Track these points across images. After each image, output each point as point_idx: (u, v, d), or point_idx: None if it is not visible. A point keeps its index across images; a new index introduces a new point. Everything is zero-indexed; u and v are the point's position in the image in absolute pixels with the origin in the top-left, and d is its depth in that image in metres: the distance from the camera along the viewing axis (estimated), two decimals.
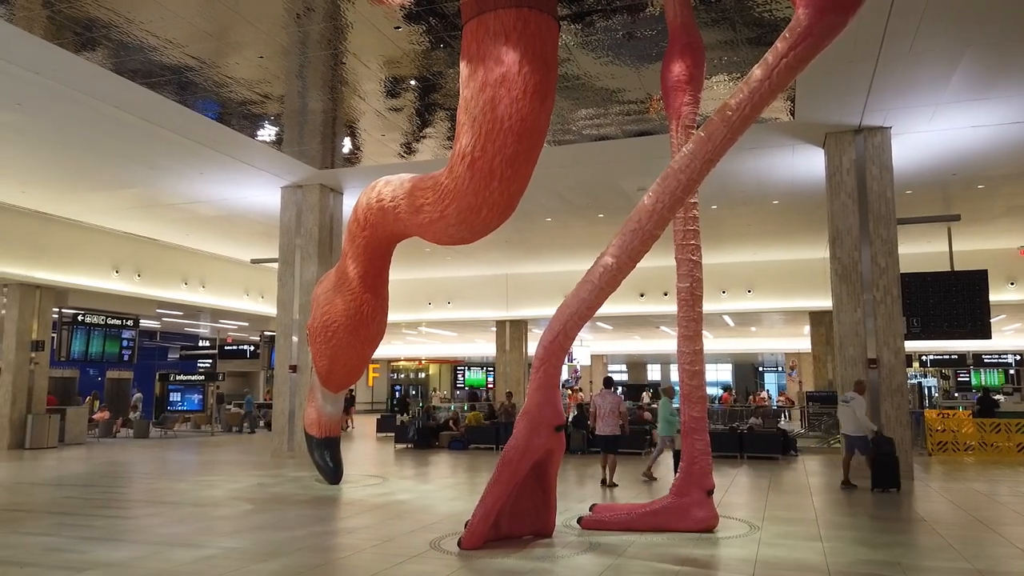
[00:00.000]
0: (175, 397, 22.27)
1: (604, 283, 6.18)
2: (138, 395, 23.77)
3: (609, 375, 14.76)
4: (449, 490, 10.51)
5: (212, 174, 14.15)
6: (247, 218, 17.39)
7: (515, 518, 6.78)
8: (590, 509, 7.68)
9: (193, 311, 22.43)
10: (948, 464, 13.70)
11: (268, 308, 23.98)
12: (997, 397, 23.78)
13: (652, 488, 10.49)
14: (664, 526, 7.15)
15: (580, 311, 6.34)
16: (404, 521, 7.95)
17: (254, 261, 18.39)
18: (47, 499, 9.64)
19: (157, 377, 25.11)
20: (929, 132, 11.85)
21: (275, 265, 20.94)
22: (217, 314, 23.47)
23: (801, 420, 20.90)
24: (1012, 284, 20.76)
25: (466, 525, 6.95)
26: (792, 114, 11.41)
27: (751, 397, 32.72)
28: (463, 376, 45.00)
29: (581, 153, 13.12)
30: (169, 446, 18.47)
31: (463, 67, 6.92)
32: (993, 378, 36.07)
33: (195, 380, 22.97)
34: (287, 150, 12.98)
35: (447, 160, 6.97)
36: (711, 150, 5.60)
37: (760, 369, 47.53)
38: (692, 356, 7.42)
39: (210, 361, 29.27)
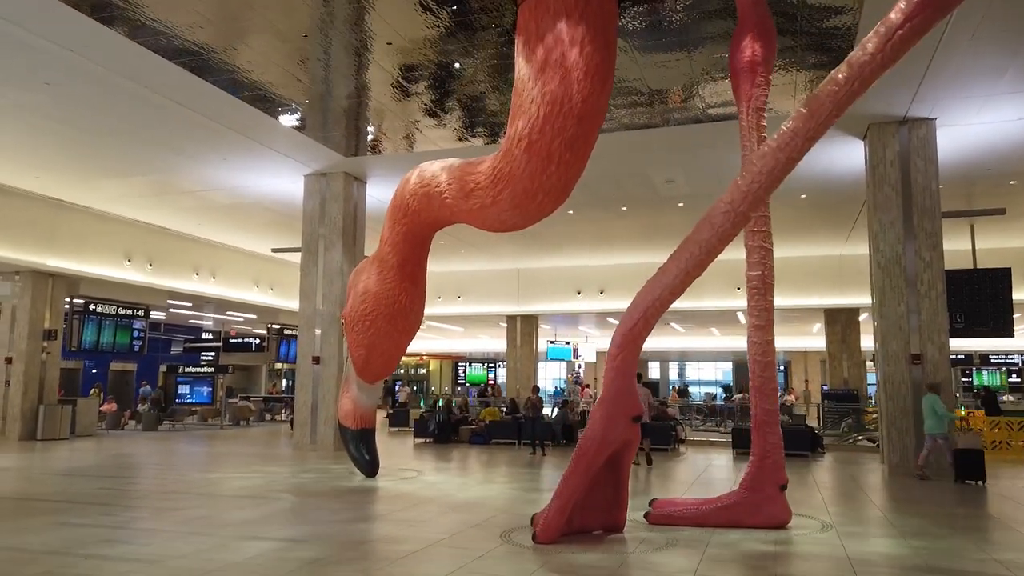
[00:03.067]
0: (183, 390, 21.86)
1: (691, 267, 5.94)
2: (147, 388, 23.35)
3: (639, 372, 14.55)
4: (488, 484, 10.26)
5: (235, 160, 13.81)
6: (263, 207, 17.05)
7: (586, 512, 6.54)
8: (650, 504, 7.43)
9: (203, 302, 22.05)
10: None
11: (278, 300, 23.65)
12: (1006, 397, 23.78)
13: (710, 482, 10.26)
14: (736, 521, 6.92)
15: (663, 296, 6.08)
16: (461, 514, 7.69)
17: (275, 250, 18.05)
18: (83, 490, 9.32)
19: (166, 369, 24.70)
20: (974, 125, 11.67)
21: (290, 256, 20.80)
22: (227, 306, 23.10)
23: (818, 418, 20.72)
24: None
25: (533, 519, 6.72)
26: None
27: (744, 396, 32.43)
28: (464, 372, 44.72)
29: (610, 143, 12.86)
30: (182, 439, 18.12)
31: (519, 46, 6.68)
32: (996, 379, 36.09)
33: (204, 373, 22.58)
34: (311, 135, 12.66)
35: (470, 151, 6.70)
36: (814, 127, 5.37)
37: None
38: (764, 347, 7.19)
39: (213, 354, 28.97)
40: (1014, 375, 35.65)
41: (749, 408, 7.42)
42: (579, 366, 32.97)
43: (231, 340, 28.38)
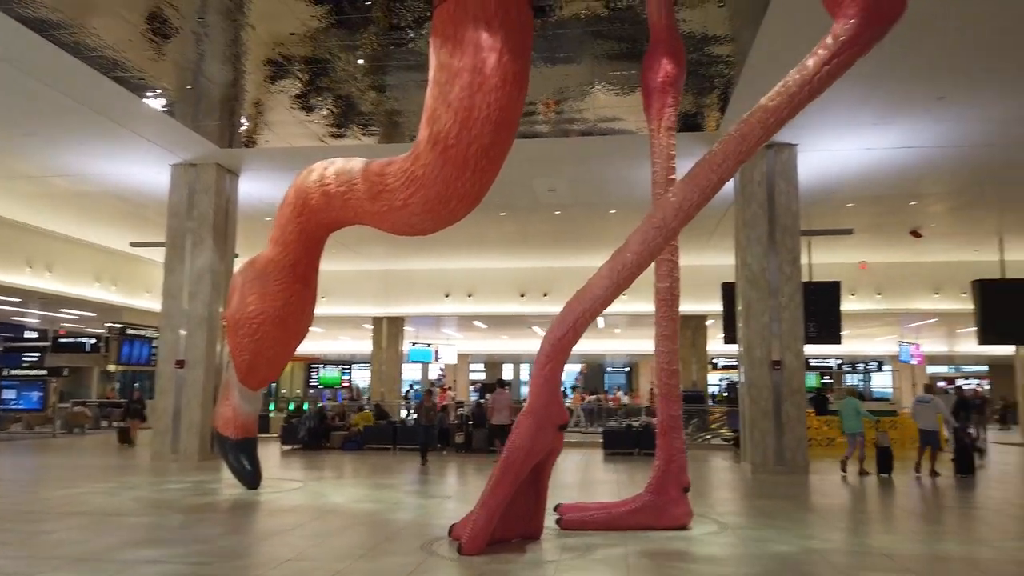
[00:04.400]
0: (9, 395, 19.59)
1: (622, 280, 6.10)
2: None
3: (501, 377, 14.86)
4: (382, 492, 10.00)
5: (95, 144, 12.59)
6: (117, 196, 15.65)
7: (505, 520, 6.52)
8: (555, 509, 7.54)
9: (34, 298, 19.88)
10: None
11: (122, 298, 21.81)
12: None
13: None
14: (643, 524, 7.19)
15: (593, 307, 6.22)
16: (368, 527, 7.47)
17: (134, 244, 16.59)
18: None
19: None
20: (830, 151, 12.81)
21: (145, 252, 19.25)
22: (60, 302, 20.97)
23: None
24: (853, 295, 22.97)
25: (451, 530, 6.64)
26: (717, 126, 11.94)
27: (599, 397, 33.68)
28: (317, 374, 43.24)
29: None
30: (13, 449, 16.22)
31: (434, 48, 6.65)
32: (812, 380, 39.87)
33: (35, 376, 20.36)
34: (183, 121, 11.80)
35: (347, 149, 6.61)
36: (744, 151, 5.69)
37: (609, 370, 49.48)
38: (670, 355, 7.53)
39: (38, 355, 26.19)
40: (826, 376, 39.59)
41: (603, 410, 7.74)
42: (441, 369, 32.90)
43: (61, 340, 25.77)
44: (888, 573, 5.67)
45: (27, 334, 27.79)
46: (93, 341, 24.95)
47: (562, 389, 7.09)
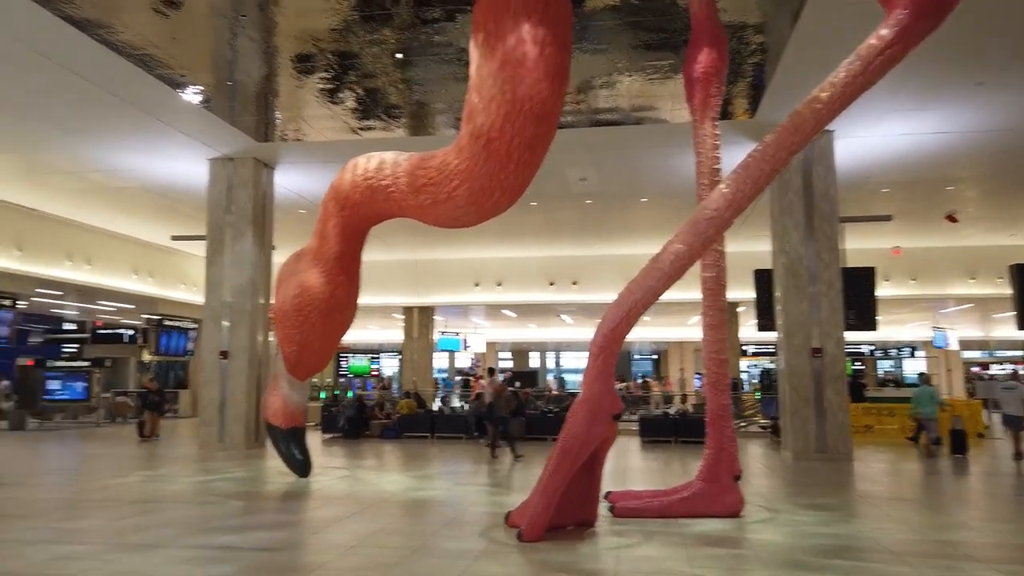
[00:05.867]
0: (53, 385, 20.05)
1: (674, 270, 6.16)
2: (4, 383, 21.26)
3: (492, 366, 14.96)
4: (429, 480, 10.18)
5: (135, 140, 12.80)
6: (155, 191, 15.90)
7: (561, 508, 6.64)
8: (605, 497, 7.63)
9: (75, 291, 20.29)
10: (897, 447, 14.78)
11: (157, 289, 22.18)
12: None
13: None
14: (696, 511, 7.26)
15: (645, 298, 6.28)
16: (423, 514, 7.64)
17: (175, 238, 16.89)
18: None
19: (31, 363, 22.55)
20: (866, 137, 12.71)
21: (184, 245, 19.52)
22: (99, 295, 21.38)
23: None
24: (887, 281, 22.77)
25: (507, 517, 6.78)
26: (752, 113, 11.89)
27: (628, 385, 33.68)
28: (346, 363, 43.66)
29: None
30: (62, 439, 16.65)
31: (475, 43, 6.73)
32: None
33: (80, 367, 20.82)
34: (221, 116, 11.96)
35: (379, 141, 6.66)
36: (797, 141, 5.71)
37: (636, 357, 49.41)
38: (718, 344, 7.58)
39: (77, 346, 26.79)
40: (858, 363, 39.29)
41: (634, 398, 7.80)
42: (474, 358, 33.09)
43: (99, 331, 26.33)
44: (950, 560, 5.71)
45: (65, 326, 28.39)
46: (131, 332, 25.48)
47: None
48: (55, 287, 19.30)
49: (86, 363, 21.42)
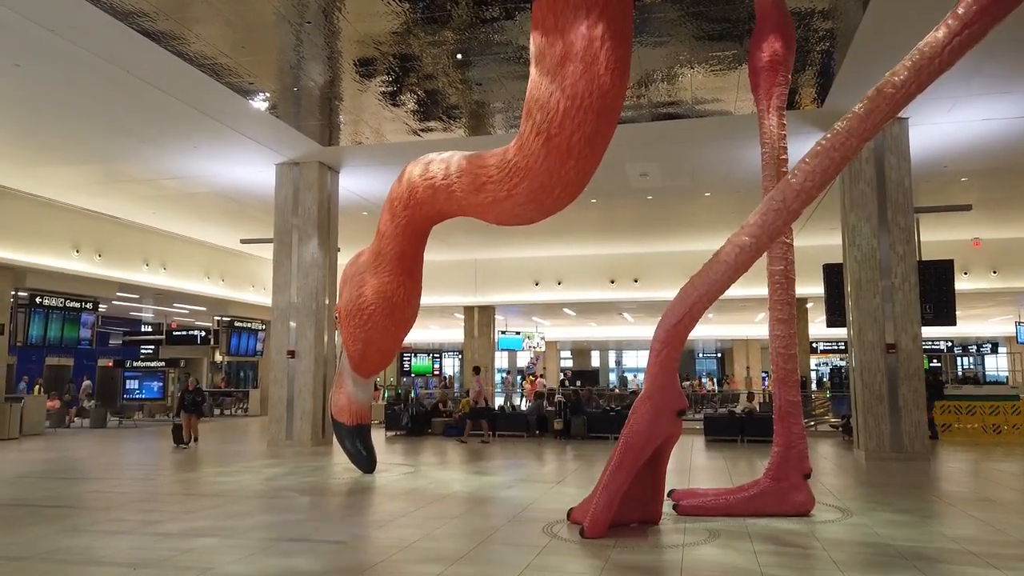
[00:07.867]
0: (132, 385, 20.94)
1: (739, 264, 6.02)
2: (87, 383, 22.28)
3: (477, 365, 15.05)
4: (491, 476, 10.23)
5: (206, 147, 13.27)
6: (225, 196, 16.46)
7: (623, 505, 6.57)
8: (669, 495, 7.53)
9: (152, 294, 21.15)
10: (982, 444, 14.23)
11: (227, 292, 22.91)
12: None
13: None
14: (763, 510, 7.10)
15: (709, 292, 6.16)
16: (488, 509, 7.67)
17: (244, 241, 17.44)
18: (72, 492, 8.80)
19: (111, 364, 23.59)
20: (941, 124, 12.21)
21: (251, 248, 20.16)
22: (174, 297, 22.23)
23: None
24: (965, 273, 21.83)
25: (569, 514, 6.76)
26: (820, 102, 11.55)
27: (692, 383, 33.24)
28: (410, 363, 44.26)
29: None
30: (139, 436, 17.36)
31: (535, 40, 6.66)
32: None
33: (155, 367, 21.69)
34: (287, 121, 12.26)
35: (439, 142, 6.63)
36: (869, 128, 5.51)
37: (700, 355, 48.71)
38: (787, 339, 7.38)
39: (153, 347, 27.88)
40: (935, 360, 37.78)
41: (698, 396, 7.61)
42: (532, 356, 33.13)
43: (174, 333, 27.36)
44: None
45: (143, 328, 29.61)
46: (203, 334, 26.41)
47: None
48: (133, 291, 20.13)
49: (162, 363, 22.23)
